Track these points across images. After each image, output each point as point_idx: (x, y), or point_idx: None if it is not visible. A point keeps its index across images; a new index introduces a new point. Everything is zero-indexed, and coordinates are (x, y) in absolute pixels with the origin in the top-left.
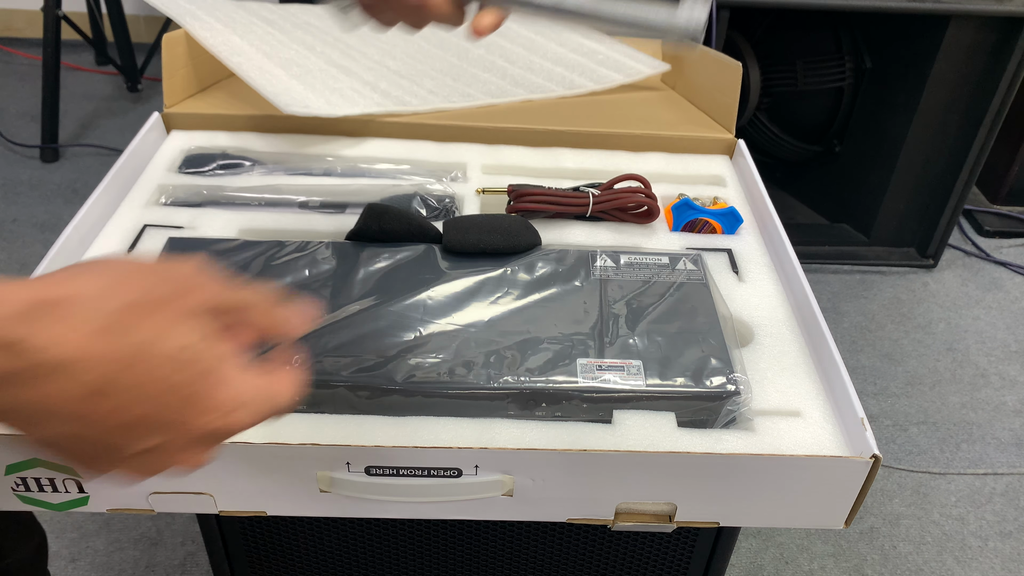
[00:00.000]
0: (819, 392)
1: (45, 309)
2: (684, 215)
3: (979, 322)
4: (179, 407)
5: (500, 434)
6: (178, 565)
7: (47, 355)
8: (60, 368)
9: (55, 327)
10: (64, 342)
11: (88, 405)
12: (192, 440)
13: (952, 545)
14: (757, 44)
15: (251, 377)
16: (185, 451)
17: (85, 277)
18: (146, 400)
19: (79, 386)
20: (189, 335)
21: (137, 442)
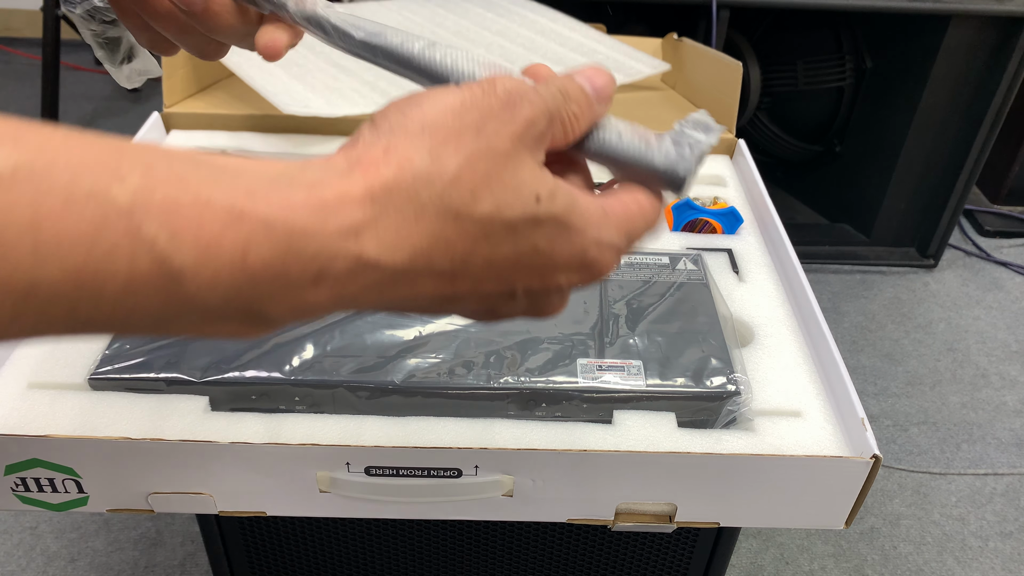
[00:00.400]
0: (819, 392)
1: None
2: (684, 215)
3: (979, 322)
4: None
5: (500, 434)
6: (178, 565)
7: (390, 261)
8: (407, 270)
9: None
10: (404, 239)
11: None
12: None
13: (952, 545)
14: (757, 44)
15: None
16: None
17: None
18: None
19: (431, 278)
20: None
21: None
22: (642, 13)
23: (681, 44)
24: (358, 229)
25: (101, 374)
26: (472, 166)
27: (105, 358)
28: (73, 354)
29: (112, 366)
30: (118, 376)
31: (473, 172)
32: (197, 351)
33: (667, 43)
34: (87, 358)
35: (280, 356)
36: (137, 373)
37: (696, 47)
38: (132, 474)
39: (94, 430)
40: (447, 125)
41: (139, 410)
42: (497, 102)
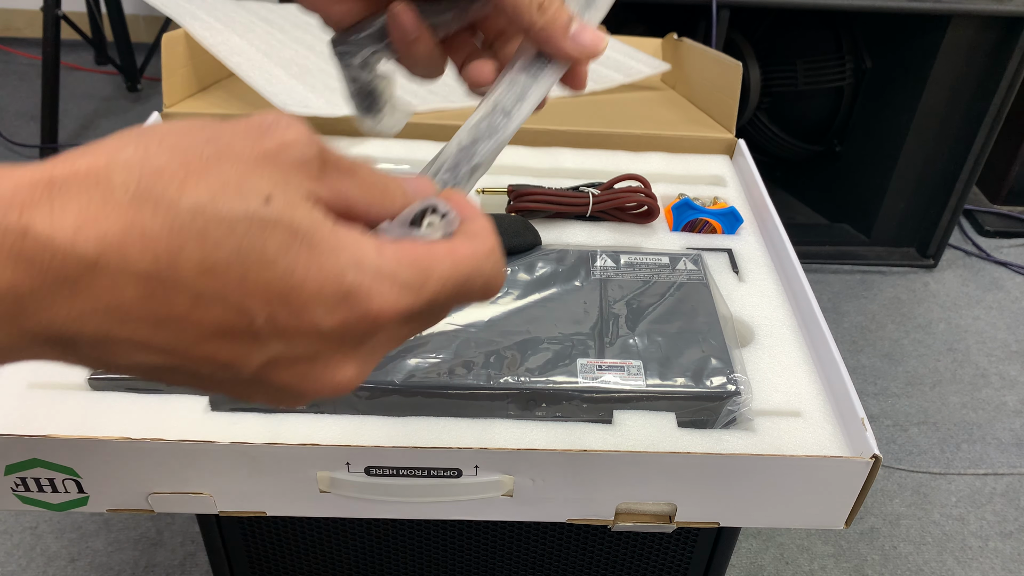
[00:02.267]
0: (819, 392)
1: (57, 187)
2: (684, 215)
3: (979, 322)
4: (274, 293)
5: (500, 434)
6: (177, 565)
7: (71, 247)
8: (96, 262)
9: (73, 206)
10: (90, 223)
11: (153, 305)
12: (318, 342)
13: (952, 545)
14: (757, 44)
15: (379, 242)
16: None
17: (113, 142)
18: (229, 287)
19: (131, 280)
20: (270, 183)
21: (248, 355)
22: (642, 13)
23: (681, 44)
24: (23, 204)
25: (101, 374)
26: (188, 161)
27: None
28: None
29: None
30: (118, 376)
31: (186, 165)
32: None
33: (667, 43)
34: None
35: None
36: None
37: (696, 47)
38: (132, 474)
39: (94, 430)
40: (174, 133)
41: (139, 410)
42: (249, 126)
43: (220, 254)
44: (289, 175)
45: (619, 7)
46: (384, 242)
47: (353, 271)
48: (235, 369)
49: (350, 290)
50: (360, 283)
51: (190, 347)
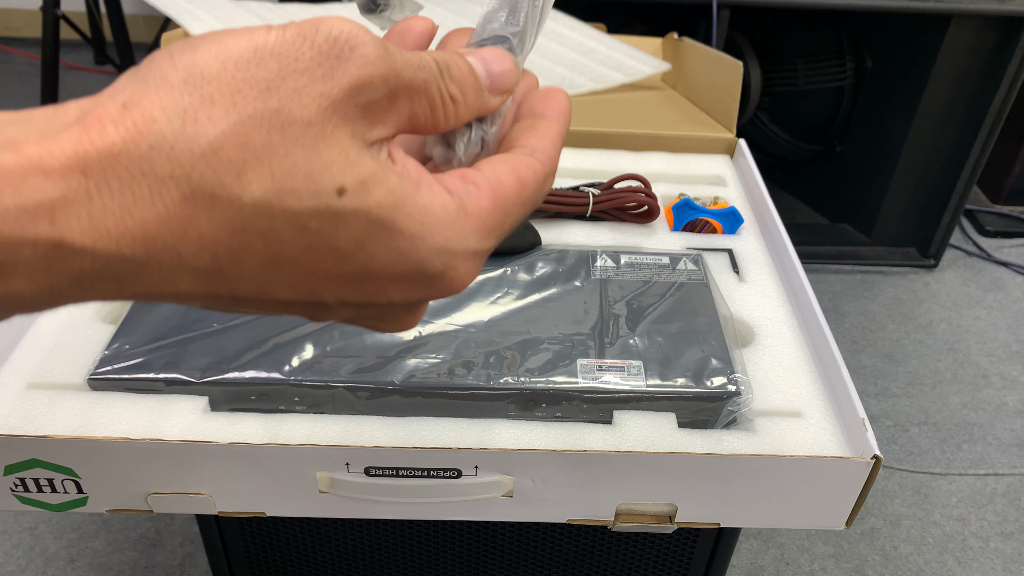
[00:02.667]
0: (820, 392)
1: (93, 178)
2: (684, 215)
3: (980, 322)
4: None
5: (500, 434)
6: (177, 566)
7: (116, 252)
8: (147, 263)
9: (114, 207)
10: (136, 227)
11: (213, 293)
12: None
13: (953, 546)
14: (758, 44)
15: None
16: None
17: (150, 96)
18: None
19: (187, 275)
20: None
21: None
22: (642, 13)
23: (681, 44)
24: (53, 207)
25: (101, 374)
26: (243, 135)
27: (105, 358)
28: (73, 354)
29: (112, 366)
30: (118, 376)
31: (243, 143)
32: (197, 351)
33: (667, 43)
34: (87, 358)
35: (280, 356)
36: (137, 373)
37: (696, 47)
38: (132, 474)
39: (94, 430)
40: (223, 77)
41: (139, 410)
42: (312, 52)
43: (289, 251)
44: (365, 131)
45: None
46: (464, 201)
47: (438, 256)
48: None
49: (435, 276)
50: (446, 267)
51: (257, 310)
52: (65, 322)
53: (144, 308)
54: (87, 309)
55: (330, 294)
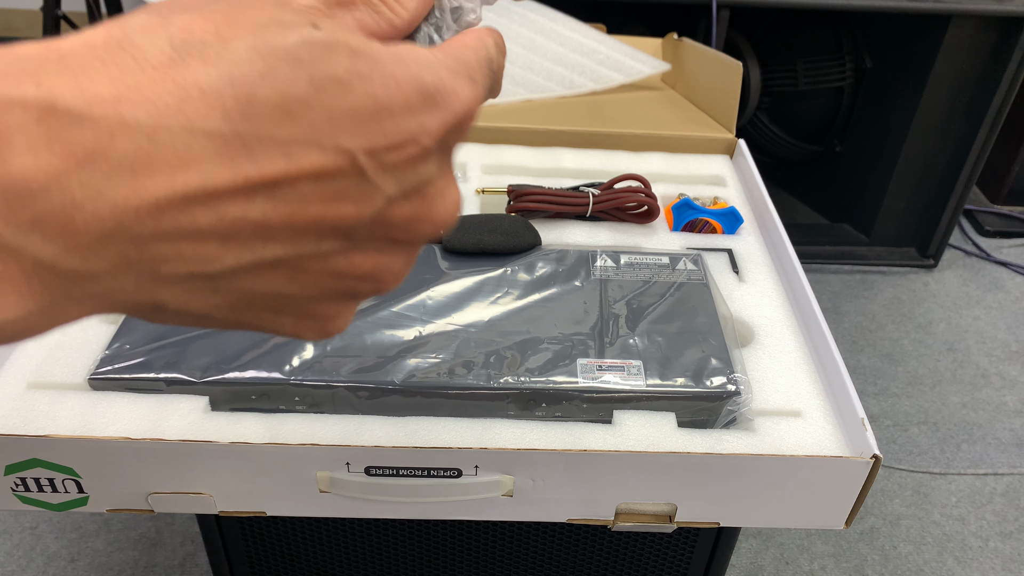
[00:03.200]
0: (819, 392)
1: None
2: (684, 215)
3: (979, 322)
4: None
5: (500, 434)
6: (177, 565)
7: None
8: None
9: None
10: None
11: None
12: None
13: (953, 545)
14: (757, 44)
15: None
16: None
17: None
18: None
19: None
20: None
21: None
22: (642, 13)
23: (681, 44)
24: (35, 71)
25: (101, 374)
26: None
27: (105, 358)
28: (73, 354)
29: (112, 366)
30: (118, 376)
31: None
32: (197, 351)
33: (667, 43)
34: (87, 358)
35: (280, 356)
36: (137, 373)
37: (696, 47)
38: (132, 474)
39: (94, 430)
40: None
41: (139, 410)
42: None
43: (296, 90)
44: (317, 8)
45: (619, 7)
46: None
47: (427, 71)
48: (350, 228)
49: (435, 89)
50: (440, 80)
51: (293, 214)
52: None
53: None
54: None
55: (358, 143)
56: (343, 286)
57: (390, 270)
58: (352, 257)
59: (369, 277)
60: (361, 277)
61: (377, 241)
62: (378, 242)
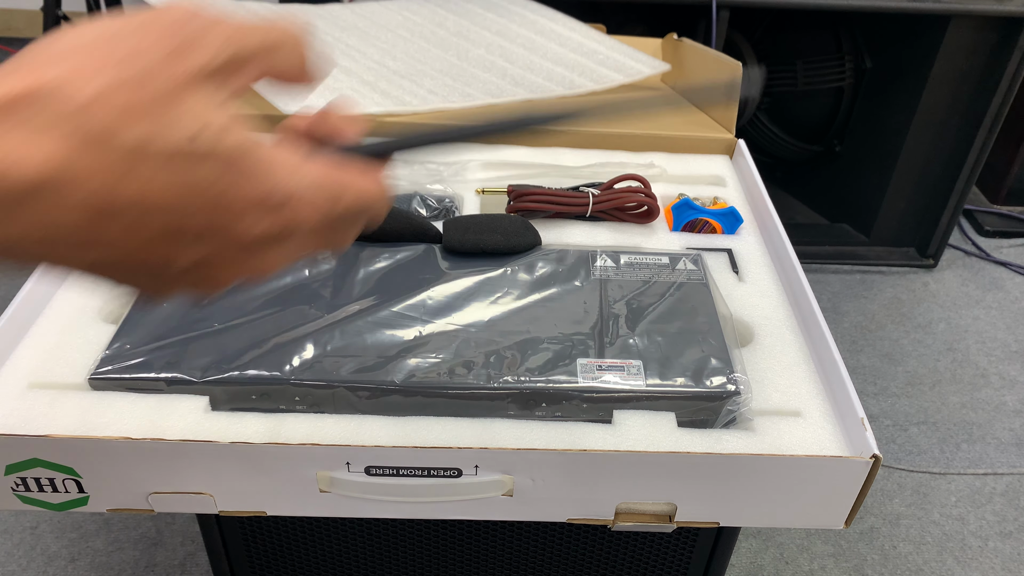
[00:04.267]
0: (819, 392)
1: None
2: (684, 215)
3: (979, 322)
4: (208, 211)
5: (500, 434)
6: (178, 565)
7: (19, 175)
8: (42, 190)
9: (19, 136)
10: (37, 156)
11: (93, 230)
12: (243, 247)
13: (952, 545)
14: (757, 44)
15: (303, 161)
16: (241, 261)
17: (45, 59)
18: (162, 212)
19: (72, 210)
20: (199, 115)
21: (175, 258)
22: (642, 13)
23: (681, 44)
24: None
25: (101, 374)
26: (118, 90)
27: (105, 358)
28: (73, 354)
29: (112, 366)
30: (118, 376)
31: (118, 97)
32: (197, 351)
33: (667, 43)
34: (87, 358)
35: (280, 356)
36: (137, 373)
37: (696, 47)
38: (132, 474)
39: (94, 430)
40: (98, 49)
41: (139, 410)
42: (157, 33)
43: (158, 183)
44: (210, 94)
45: (619, 7)
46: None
47: (283, 184)
48: (168, 266)
49: (281, 201)
50: (290, 194)
51: (129, 255)
52: (66, 322)
53: (145, 308)
54: (87, 309)
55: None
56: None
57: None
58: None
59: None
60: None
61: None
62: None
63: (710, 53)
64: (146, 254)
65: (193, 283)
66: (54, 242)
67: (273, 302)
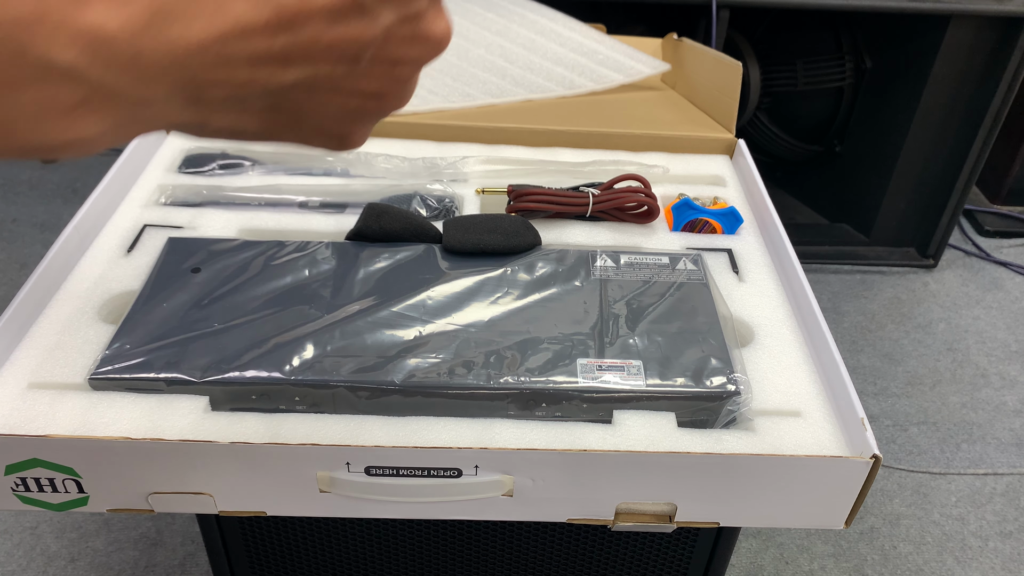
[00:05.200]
0: (819, 392)
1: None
2: (684, 215)
3: (979, 322)
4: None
5: (500, 434)
6: (178, 565)
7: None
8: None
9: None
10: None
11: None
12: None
13: (952, 545)
14: (757, 44)
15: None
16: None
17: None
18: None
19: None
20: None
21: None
22: (642, 13)
23: (681, 44)
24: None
25: (101, 374)
26: None
27: (105, 358)
28: (73, 354)
29: (112, 366)
30: (118, 376)
31: None
32: (198, 351)
33: (667, 43)
34: (87, 358)
35: (280, 356)
36: (137, 373)
37: (696, 47)
38: (132, 474)
39: (94, 430)
40: None
41: (139, 410)
42: None
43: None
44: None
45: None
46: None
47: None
48: (356, 53)
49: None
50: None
51: (309, 45)
52: (65, 322)
53: (145, 308)
54: (87, 309)
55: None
56: (353, 104)
57: (392, 90)
58: (359, 79)
59: (374, 95)
60: (368, 96)
61: (380, 64)
62: (381, 65)
63: (710, 53)
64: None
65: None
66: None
67: (273, 302)
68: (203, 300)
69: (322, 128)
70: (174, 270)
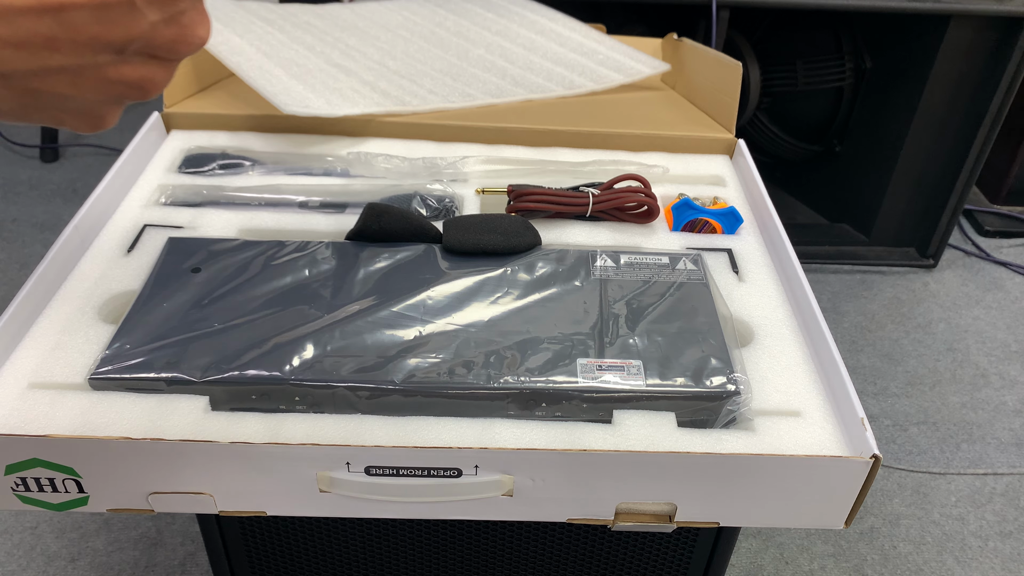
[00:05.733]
0: (819, 392)
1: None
2: (684, 215)
3: (979, 322)
4: None
5: (500, 434)
6: (178, 565)
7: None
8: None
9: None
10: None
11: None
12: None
13: (952, 545)
14: (757, 44)
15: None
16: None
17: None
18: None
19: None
20: None
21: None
22: (642, 13)
23: (681, 44)
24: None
25: (101, 374)
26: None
27: (105, 358)
28: (73, 354)
29: (112, 366)
30: (118, 376)
31: None
32: (198, 351)
33: (667, 43)
34: (87, 358)
35: (280, 356)
36: (137, 373)
37: (696, 47)
38: (132, 474)
39: (94, 430)
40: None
41: (139, 410)
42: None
43: None
44: None
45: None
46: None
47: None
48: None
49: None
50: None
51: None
52: (65, 322)
53: (145, 308)
54: (87, 309)
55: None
56: (114, 91)
57: (152, 81)
58: (122, 68)
59: (136, 85)
60: (129, 84)
61: (142, 56)
62: (143, 57)
63: (710, 53)
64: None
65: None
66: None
67: (273, 302)
68: (203, 300)
69: (81, 111)
70: (174, 270)
